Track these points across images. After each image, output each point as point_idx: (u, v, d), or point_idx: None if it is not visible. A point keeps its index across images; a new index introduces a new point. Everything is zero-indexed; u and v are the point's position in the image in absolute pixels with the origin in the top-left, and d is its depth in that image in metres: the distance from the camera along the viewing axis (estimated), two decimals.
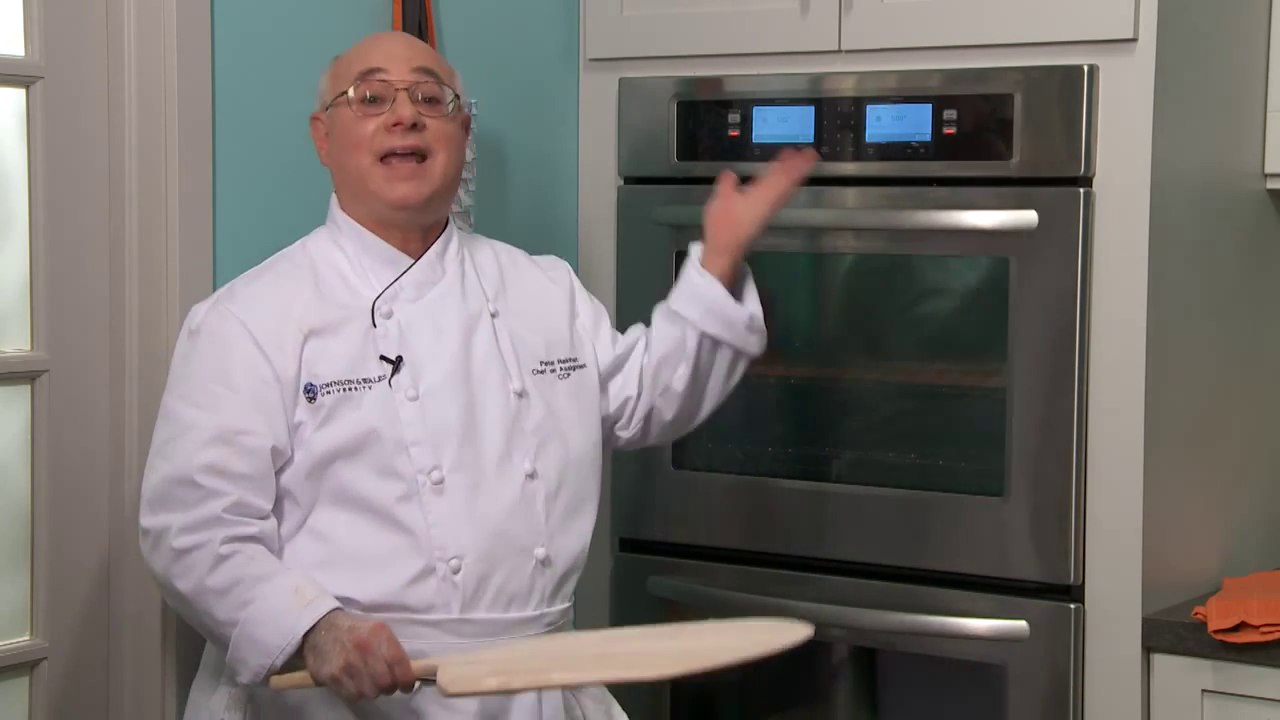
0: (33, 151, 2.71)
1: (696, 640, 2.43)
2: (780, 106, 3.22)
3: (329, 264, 2.61)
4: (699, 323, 2.78)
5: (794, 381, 3.31)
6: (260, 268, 2.65)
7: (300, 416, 2.51)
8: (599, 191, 3.45)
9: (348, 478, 2.51)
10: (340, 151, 2.62)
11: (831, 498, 3.21)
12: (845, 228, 3.21)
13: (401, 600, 2.50)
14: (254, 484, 2.48)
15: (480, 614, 2.53)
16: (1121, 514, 2.97)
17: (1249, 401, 3.29)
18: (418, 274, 2.62)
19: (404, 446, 2.52)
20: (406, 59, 2.61)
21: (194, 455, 2.46)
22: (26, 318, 2.73)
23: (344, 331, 2.55)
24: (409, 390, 2.54)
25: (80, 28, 2.74)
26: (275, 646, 2.38)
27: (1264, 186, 3.27)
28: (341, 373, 2.53)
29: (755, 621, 2.52)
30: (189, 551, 2.43)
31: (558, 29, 3.46)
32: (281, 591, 2.41)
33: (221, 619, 2.42)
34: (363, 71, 2.60)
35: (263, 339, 2.51)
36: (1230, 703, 2.93)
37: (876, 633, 3.15)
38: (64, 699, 2.76)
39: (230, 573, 2.42)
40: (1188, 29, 3.01)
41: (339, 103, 2.61)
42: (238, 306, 2.54)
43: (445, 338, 2.60)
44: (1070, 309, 2.98)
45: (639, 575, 3.38)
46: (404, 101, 2.58)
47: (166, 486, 2.47)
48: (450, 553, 2.51)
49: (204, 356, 2.52)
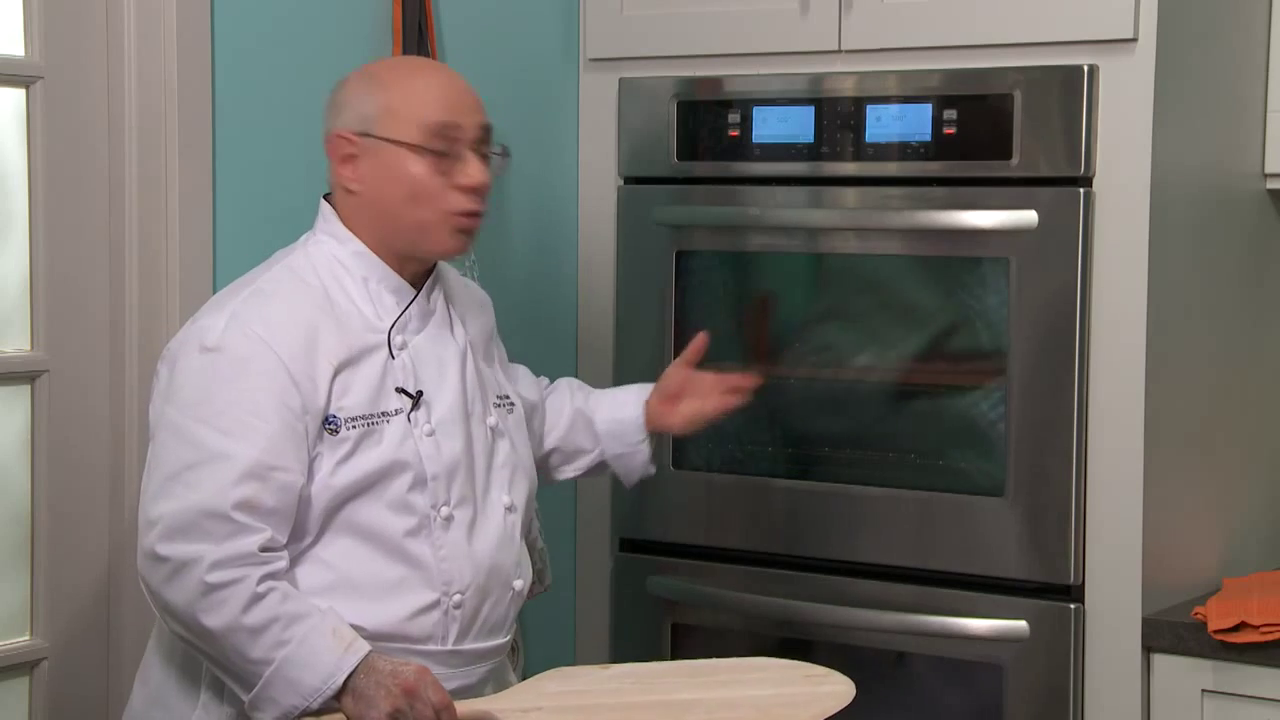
0: (33, 151, 2.71)
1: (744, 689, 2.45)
2: (780, 106, 3.22)
3: (339, 287, 2.53)
4: (611, 459, 2.92)
5: (794, 381, 3.31)
6: (262, 282, 2.52)
7: (319, 449, 2.44)
8: (599, 191, 3.45)
9: (362, 511, 2.46)
10: (389, 191, 2.52)
11: (831, 498, 3.21)
12: (845, 228, 3.21)
13: (404, 631, 2.47)
14: (280, 519, 2.40)
15: (467, 644, 2.53)
16: (1121, 514, 2.97)
17: (1249, 401, 3.29)
18: (420, 305, 2.57)
19: (424, 480, 2.49)
20: (473, 111, 2.54)
21: (229, 490, 2.36)
22: (26, 318, 2.73)
23: (364, 364, 2.49)
24: (425, 425, 2.51)
25: (80, 28, 2.74)
26: (314, 689, 2.33)
27: (1264, 186, 3.27)
28: (364, 406, 2.47)
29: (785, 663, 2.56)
30: (223, 587, 2.34)
31: (558, 29, 3.46)
32: (320, 633, 2.35)
33: (255, 658, 2.34)
34: (441, 124, 2.50)
35: (295, 369, 2.42)
36: (1230, 703, 2.93)
37: (876, 632, 3.15)
38: (64, 699, 2.76)
39: (267, 611, 2.34)
40: (1188, 29, 3.01)
41: (398, 140, 2.50)
42: (263, 329, 2.44)
43: (447, 370, 2.57)
44: (1070, 309, 2.98)
45: (639, 575, 3.38)
46: (476, 165, 2.51)
47: (194, 517, 2.35)
48: (455, 586, 2.50)
49: (229, 380, 2.41)
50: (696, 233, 3.33)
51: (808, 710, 2.37)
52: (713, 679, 2.51)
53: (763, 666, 2.56)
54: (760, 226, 3.26)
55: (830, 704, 2.38)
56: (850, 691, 2.42)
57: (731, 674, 2.53)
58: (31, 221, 2.72)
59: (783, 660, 2.56)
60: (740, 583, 3.27)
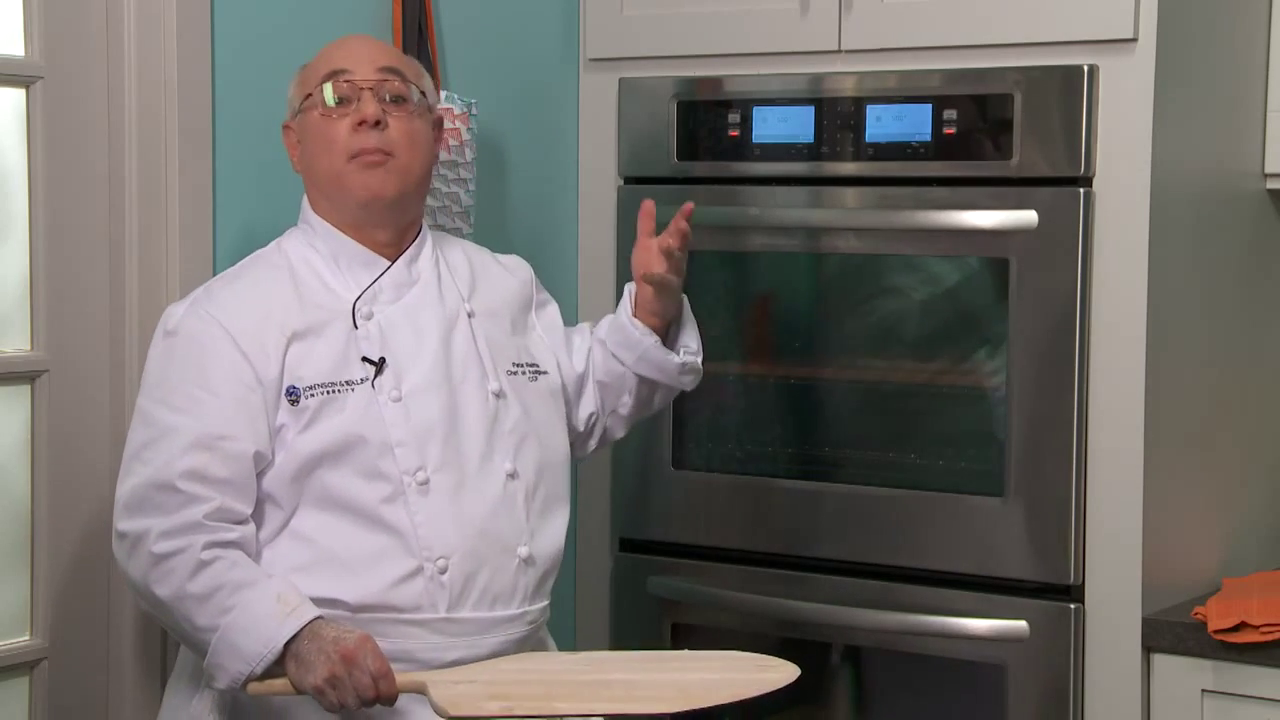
0: (33, 151, 2.71)
1: (686, 673, 2.45)
2: (780, 106, 3.22)
3: (306, 265, 2.61)
4: (633, 367, 2.83)
5: (794, 381, 3.31)
6: (236, 269, 2.64)
7: (282, 419, 2.50)
8: (599, 191, 3.45)
9: (332, 480, 2.50)
10: (311, 155, 2.62)
11: (831, 498, 3.21)
12: (845, 228, 3.21)
13: (389, 600, 2.49)
14: (235, 489, 2.46)
15: (466, 613, 2.53)
16: (1121, 514, 2.97)
17: (1249, 401, 3.29)
18: (395, 275, 2.62)
19: (389, 448, 2.52)
20: (370, 59, 2.62)
21: (175, 460, 2.44)
22: (26, 318, 2.73)
23: (326, 334, 2.55)
24: (392, 391, 2.54)
25: (80, 28, 2.74)
26: (255, 654, 2.38)
27: (1264, 186, 3.27)
28: (324, 375, 2.52)
29: (734, 655, 2.55)
30: (169, 557, 2.41)
31: (558, 29, 3.46)
32: (264, 598, 2.40)
33: (201, 625, 2.41)
34: (328, 73, 2.60)
35: (244, 342, 2.50)
36: (1230, 703, 2.93)
37: (876, 633, 3.15)
38: (64, 699, 2.76)
39: (211, 579, 2.41)
40: (1188, 29, 3.01)
41: (307, 107, 2.61)
42: (216, 308, 2.53)
43: (425, 338, 2.60)
44: (1070, 309, 2.98)
45: (639, 575, 3.38)
46: (369, 100, 2.58)
47: (145, 491, 2.45)
48: (437, 552, 2.51)
49: (182, 359, 2.51)
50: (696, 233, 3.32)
51: (726, 690, 2.36)
52: (663, 664, 2.53)
53: (723, 657, 2.56)
54: (760, 226, 3.26)
55: (749, 689, 2.38)
56: (785, 680, 2.40)
57: (686, 662, 2.55)
58: (31, 221, 2.72)
59: (748, 654, 2.54)
60: (740, 583, 3.27)
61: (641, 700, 2.35)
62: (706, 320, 3.32)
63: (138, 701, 2.80)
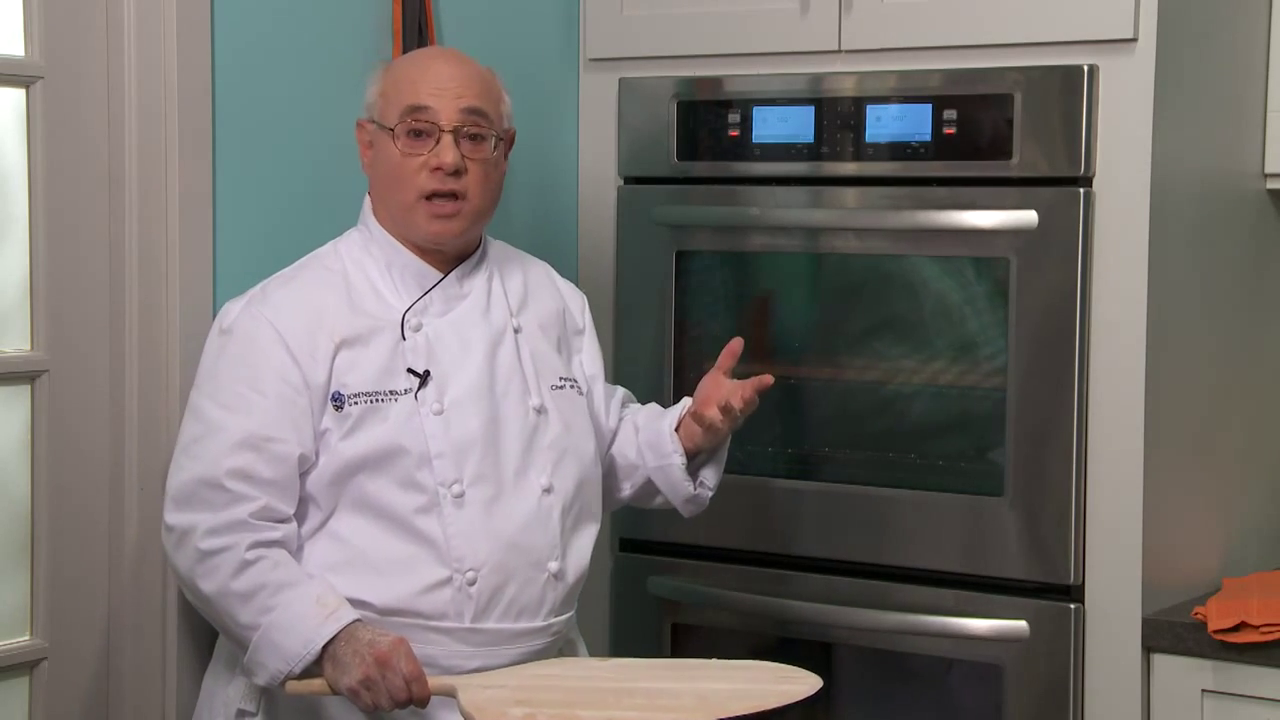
0: (33, 151, 2.71)
1: (709, 682, 2.48)
2: (780, 106, 3.22)
3: (361, 272, 2.63)
4: (650, 469, 2.84)
5: (794, 381, 3.31)
6: (292, 269, 2.66)
7: (326, 424, 2.53)
8: (599, 191, 3.45)
9: (370, 487, 2.53)
10: (384, 179, 2.63)
11: (831, 497, 3.21)
12: (845, 228, 3.21)
13: (414, 606, 2.52)
14: (280, 489, 2.51)
15: (490, 624, 2.56)
16: (1121, 514, 2.97)
17: (1249, 401, 3.29)
18: (446, 289, 2.65)
19: (428, 459, 2.54)
20: (455, 95, 2.60)
21: (222, 459, 2.48)
22: (26, 318, 2.73)
23: (374, 343, 2.57)
24: (434, 404, 2.56)
25: (80, 28, 2.74)
26: (295, 654, 2.42)
27: (1264, 186, 3.27)
28: (369, 384, 2.55)
29: (759, 664, 2.57)
30: (215, 554, 2.46)
31: (558, 29, 3.46)
32: (305, 599, 2.44)
33: (244, 622, 2.45)
34: (410, 107, 2.59)
35: (295, 345, 2.53)
36: (1230, 703, 2.93)
37: (876, 632, 3.15)
38: (64, 699, 2.76)
39: (255, 578, 2.45)
40: (1188, 29, 3.01)
41: (382, 129, 2.61)
42: (270, 310, 2.56)
43: (471, 352, 2.62)
44: (1070, 309, 2.98)
45: (639, 575, 3.38)
46: (448, 147, 2.58)
47: (194, 487, 2.49)
48: (467, 564, 2.54)
49: (234, 357, 2.55)
50: (696, 232, 3.33)
51: (743, 701, 2.39)
52: (688, 673, 2.55)
53: (748, 667, 2.59)
54: (760, 226, 3.26)
55: (770, 700, 2.40)
56: (807, 691, 2.43)
57: (712, 671, 2.56)
58: (31, 221, 2.72)
59: (773, 664, 2.57)
60: (740, 583, 3.28)
61: (662, 709, 2.37)
62: (707, 320, 3.33)
63: (138, 701, 2.80)
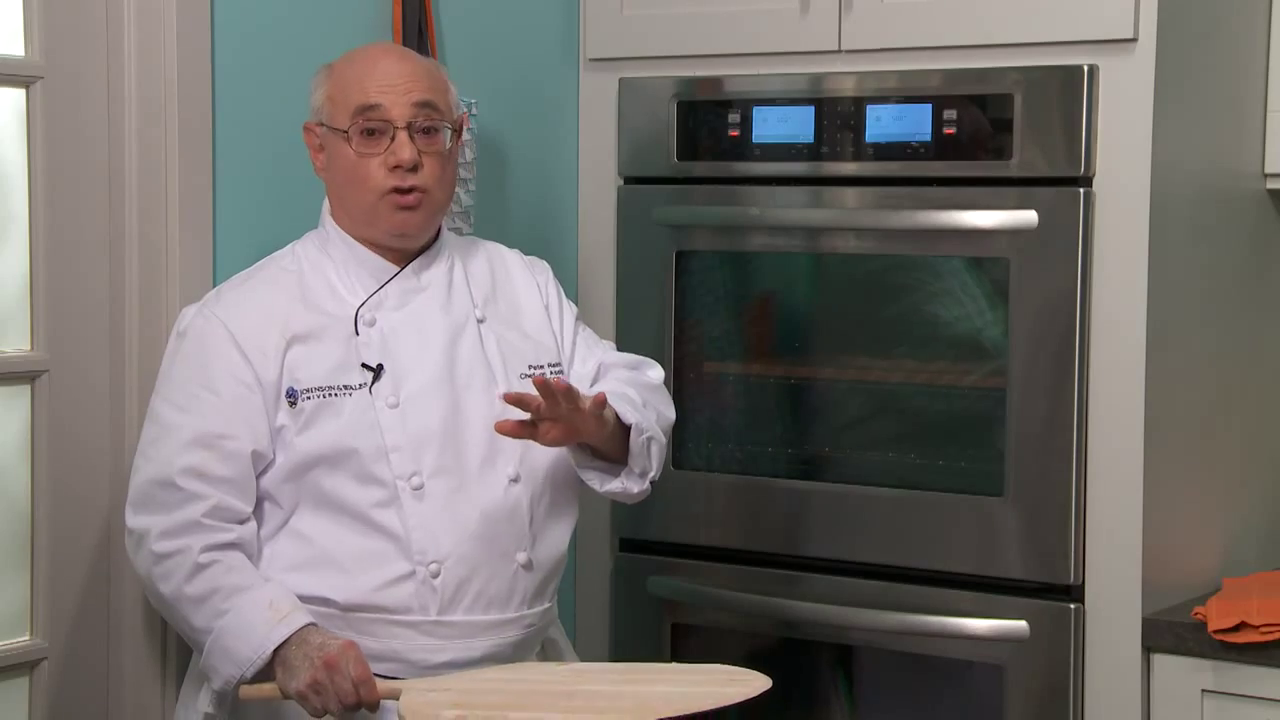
0: (33, 151, 2.71)
1: (659, 685, 2.46)
2: (780, 106, 3.22)
3: (317, 271, 2.64)
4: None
5: (794, 381, 3.31)
6: (249, 271, 2.68)
7: (282, 420, 2.54)
8: (599, 191, 3.45)
9: (328, 483, 2.54)
10: (341, 182, 2.64)
11: (831, 498, 3.21)
12: (845, 228, 3.21)
13: (377, 601, 2.53)
14: (234, 487, 2.52)
15: (458, 616, 2.55)
16: (1121, 514, 2.97)
17: (1249, 401, 3.29)
18: (402, 282, 2.64)
19: (384, 453, 2.54)
20: (405, 90, 2.60)
21: (175, 458, 2.50)
22: (26, 318, 2.73)
23: (326, 338, 2.58)
24: (389, 398, 2.57)
25: (80, 28, 2.74)
26: (246, 659, 2.43)
27: (1264, 186, 3.27)
28: (322, 379, 2.56)
29: (714, 668, 2.55)
30: (169, 557, 2.48)
31: (558, 29, 3.46)
32: (256, 605, 2.45)
33: (197, 626, 2.47)
34: (362, 107, 2.59)
35: (245, 343, 2.54)
36: (1230, 703, 2.93)
37: (876, 632, 3.15)
38: (64, 699, 2.76)
39: (208, 582, 2.46)
40: (1188, 29, 3.01)
41: (334, 130, 2.61)
42: (223, 310, 2.58)
43: (429, 345, 2.62)
44: (1070, 309, 2.98)
45: (639, 575, 3.38)
46: (404, 142, 2.59)
47: (148, 488, 2.51)
48: (430, 556, 2.54)
49: (187, 358, 2.57)
50: (696, 232, 3.33)
51: (685, 702, 2.37)
52: (639, 677, 2.53)
53: (701, 670, 2.56)
54: (760, 226, 3.26)
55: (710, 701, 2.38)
56: (749, 693, 2.40)
57: (664, 674, 2.57)
58: (31, 221, 2.72)
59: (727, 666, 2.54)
60: (740, 583, 3.27)
61: (597, 711, 2.36)
62: (707, 320, 3.33)
63: (138, 701, 2.80)
